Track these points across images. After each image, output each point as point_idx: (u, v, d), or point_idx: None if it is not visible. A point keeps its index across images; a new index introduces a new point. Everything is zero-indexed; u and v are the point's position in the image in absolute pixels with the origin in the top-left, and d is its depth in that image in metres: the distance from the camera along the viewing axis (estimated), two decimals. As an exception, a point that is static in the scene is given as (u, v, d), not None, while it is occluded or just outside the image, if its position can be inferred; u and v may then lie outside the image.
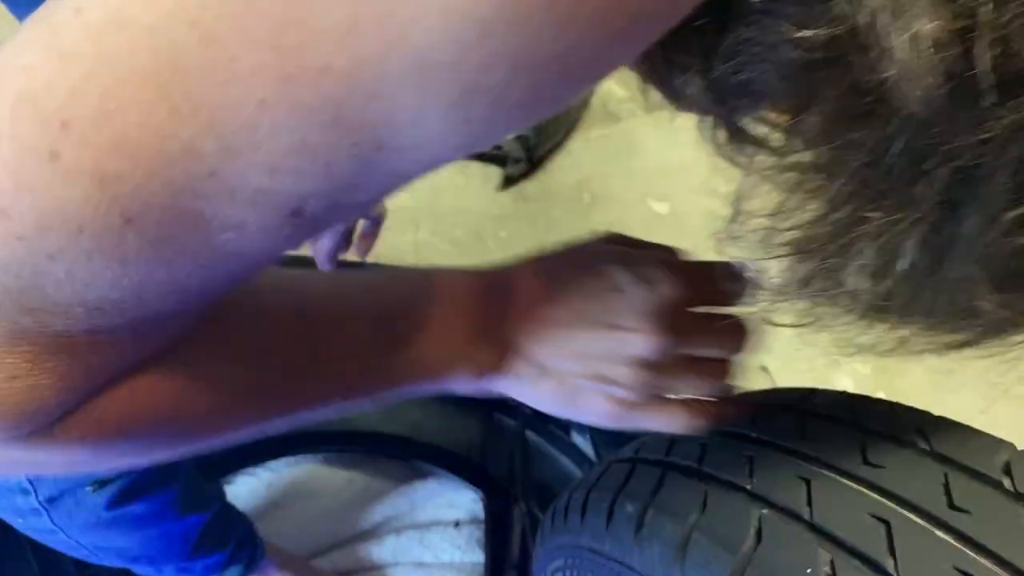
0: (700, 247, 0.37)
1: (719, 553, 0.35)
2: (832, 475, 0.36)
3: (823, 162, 0.26)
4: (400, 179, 0.23)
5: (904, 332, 0.30)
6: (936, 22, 0.21)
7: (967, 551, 0.31)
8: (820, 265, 0.28)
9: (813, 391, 0.43)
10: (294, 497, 1.00)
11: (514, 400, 0.52)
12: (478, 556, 0.96)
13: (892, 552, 0.31)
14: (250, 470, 1.01)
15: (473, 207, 1.35)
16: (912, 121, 0.24)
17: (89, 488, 0.50)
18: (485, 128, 0.21)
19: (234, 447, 0.80)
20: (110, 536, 0.56)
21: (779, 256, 0.28)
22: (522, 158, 1.34)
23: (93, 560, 0.61)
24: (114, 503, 0.52)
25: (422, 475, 1.02)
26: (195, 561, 0.68)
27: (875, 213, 0.26)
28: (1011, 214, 0.25)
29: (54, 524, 0.52)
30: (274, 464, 1.01)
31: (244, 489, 1.00)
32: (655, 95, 0.29)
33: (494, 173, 1.34)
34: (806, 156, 0.26)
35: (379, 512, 1.00)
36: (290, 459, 1.01)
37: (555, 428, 0.92)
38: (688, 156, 1.28)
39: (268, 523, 0.97)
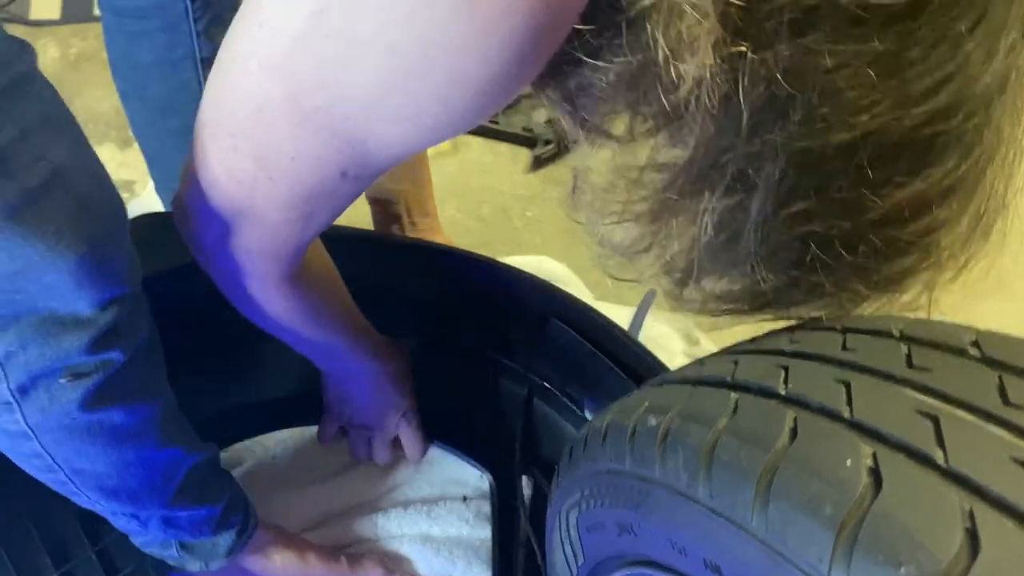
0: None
1: (750, 451, 0.33)
2: (873, 378, 0.34)
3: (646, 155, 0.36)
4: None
5: (706, 292, 0.41)
6: (709, 62, 0.30)
7: (1024, 444, 0.28)
8: (648, 231, 0.39)
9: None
10: (299, 467, 0.98)
11: (522, 366, 0.91)
12: (486, 531, 0.93)
13: (941, 444, 0.29)
14: (254, 439, 0.98)
15: (500, 186, 1.34)
16: (706, 131, 0.33)
17: (64, 380, 0.46)
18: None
19: (238, 417, 0.93)
20: (86, 450, 0.52)
21: (612, 222, 0.40)
22: (551, 140, 1.32)
23: (71, 492, 0.56)
24: (90, 402, 0.48)
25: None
26: (179, 510, 0.62)
27: (685, 195, 0.36)
28: (783, 212, 0.34)
29: (26, 424, 0.49)
30: (278, 435, 0.99)
31: (247, 455, 0.97)
32: None
33: (522, 154, 1.33)
34: (636, 149, 0.37)
35: (385, 483, 0.98)
36: (294, 430, 0.99)
37: (567, 400, 0.89)
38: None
39: (272, 492, 0.95)
